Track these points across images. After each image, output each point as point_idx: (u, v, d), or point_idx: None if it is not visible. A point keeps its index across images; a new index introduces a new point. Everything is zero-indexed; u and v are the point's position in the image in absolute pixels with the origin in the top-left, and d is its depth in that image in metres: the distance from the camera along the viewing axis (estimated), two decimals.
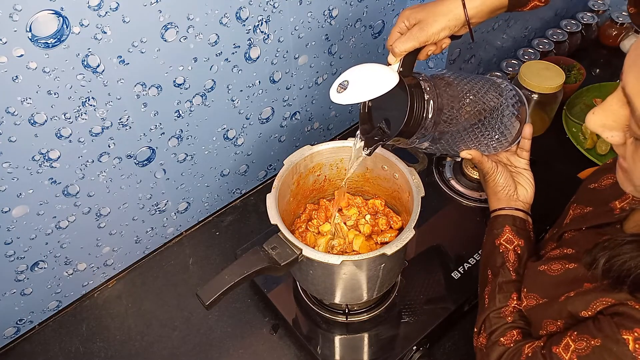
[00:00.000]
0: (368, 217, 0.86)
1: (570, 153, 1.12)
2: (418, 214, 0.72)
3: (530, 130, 0.81)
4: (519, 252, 0.71)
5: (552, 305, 0.60)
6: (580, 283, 0.57)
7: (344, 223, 0.86)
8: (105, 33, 0.68)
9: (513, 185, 0.79)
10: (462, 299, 0.85)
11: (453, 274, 0.88)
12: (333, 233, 0.85)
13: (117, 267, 1.00)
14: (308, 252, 0.69)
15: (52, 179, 0.77)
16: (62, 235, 0.85)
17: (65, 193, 0.81)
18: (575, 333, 0.54)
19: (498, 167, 0.79)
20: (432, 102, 0.68)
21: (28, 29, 0.61)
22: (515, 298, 0.67)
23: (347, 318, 0.85)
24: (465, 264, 0.89)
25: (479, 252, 0.90)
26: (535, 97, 1.08)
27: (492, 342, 0.66)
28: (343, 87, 0.67)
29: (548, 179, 1.02)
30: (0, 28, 0.59)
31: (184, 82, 0.82)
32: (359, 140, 0.74)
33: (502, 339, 0.64)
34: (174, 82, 0.81)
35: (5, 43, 0.61)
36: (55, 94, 0.69)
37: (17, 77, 0.64)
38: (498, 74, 1.21)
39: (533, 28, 1.28)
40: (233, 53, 0.85)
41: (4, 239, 0.78)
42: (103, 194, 0.86)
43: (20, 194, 0.75)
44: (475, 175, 1.02)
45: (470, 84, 0.74)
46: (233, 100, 0.92)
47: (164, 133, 0.86)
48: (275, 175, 0.79)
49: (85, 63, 0.69)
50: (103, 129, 0.78)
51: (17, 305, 0.88)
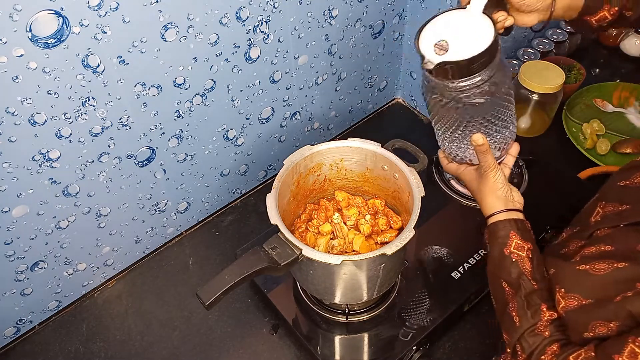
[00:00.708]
0: (368, 217, 0.86)
1: (570, 153, 1.12)
2: (418, 214, 0.72)
3: (517, 149, 0.79)
4: (531, 256, 0.68)
5: (604, 306, 0.57)
6: (634, 283, 0.55)
7: (344, 223, 0.86)
8: (105, 33, 0.68)
9: (508, 187, 0.76)
10: (462, 299, 0.85)
11: (453, 274, 0.88)
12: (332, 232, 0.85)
13: (117, 267, 1.00)
14: (308, 252, 0.69)
15: (52, 179, 0.77)
16: (62, 235, 0.85)
17: (65, 193, 0.81)
18: None
19: (497, 164, 0.76)
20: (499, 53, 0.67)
21: (28, 29, 0.61)
22: (545, 309, 0.63)
23: (347, 318, 0.85)
24: (465, 264, 0.89)
25: (479, 252, 0.91)
26: (535, 97, 1.08)
27: None
28: (442, 47, 0.64)
29: (548, 179, 1.02)
30: (0, 28, 0.59)
31: (184, 82, 0.82)
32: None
33: (542, 357, 0.61)
34: (174, 82, 0.81)
35: (5, 43, 0.61)
36: (55, 94, 0.69)
37: (17, 77, 0.64)
38: None
39: (533, 28, 1.28)
40: (233, 53, 0.85)
41: (4, 239, 0.78)
42: (103, 194, 0.86)
43: (20, 194, 0.75)
44: None
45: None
46: (233, 100, 0.92)
47: (164, 133, 0.86)
48: (275, 175, 0.79)
49: (85, 63, 0.69)
50: (103, 129, 0.78)
51: (17, 305, 0.88)
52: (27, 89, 0.66)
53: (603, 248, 0.61)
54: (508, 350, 0.66)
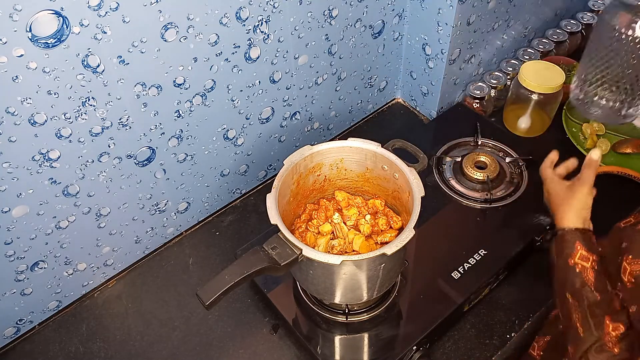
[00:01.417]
0: (368, 217, 0.86)
1: (570, 153, 1.12)
2: (418, 214, 0.72)
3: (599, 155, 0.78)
4: (596, 267, 0.67)
5: None
6: None
7: (344, 223, 0.86)
8: (105, 33, 0.68)
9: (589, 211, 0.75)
10: (462, 299, 0.85)
11: (453, 274, 0.88)
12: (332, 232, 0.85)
13: (117, 267, 1.00)
14: (308, 252, 0.69)
15: (52, 179, 0.77)
16: (62, 235, 0.85)
17: (65, 193, 0.81)
18: None
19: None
20: None
21: (28, 29, 0.61)
22: (609, 321, 0.62)
23: (347, 318, 0.85)
24: (465, 264, 0.89)
25: (479, 251, 0.91)
26: (535, 97, 1.08)
27: None
28: None
29: None
30: (0, 28, 0.59)
31: (184, 82, 0.82)
32: None
33: None
34: (174, 82, 0.81)
35: (5, 43, 0.61)
36: (55, 94, 0.69)
37: (17, 77, 0.64)
38: (499, 74, 1.21)
39: (533, 28, 1.28)
40: (233, 53, 0.85)
41: (4, 239, 0.78)
42: (103, 194, 0.86)
43: (20, 194, 0.75)
44: (476, 176, 1.02)
45: None
46: (233, 100, 0.92)
47: (164, 133, 0.86)
48: (275, 175, 0.79)
49: (85, 63, 0.69)
50: (103, 129, 0.78)
51: (17, 305, 0.88)
52: (27, 89, 0.66)
53: None
54: None
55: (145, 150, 0.86)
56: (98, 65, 0.70)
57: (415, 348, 0.82)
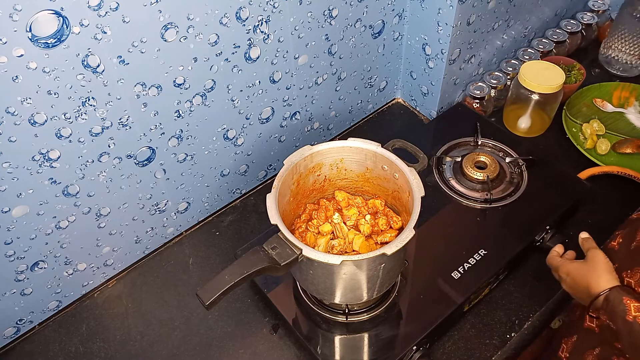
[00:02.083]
0: (368, 217, 0.86)
1: (570, 153, 1.12)
2: (418, 214, 0.72)
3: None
4: None
5: None
6: None
7: (344, 223, 0.86)
8: (105, 33, 0.68)
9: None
10: (462, 299, 0.85)
11: (453, 274, 0.88)
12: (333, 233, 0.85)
13: (117, 267, 1.00)
14: (308, 252, 0.69)
15: (52, 179, 0.77)
16: (62, 235, 0.85)
17: (65, 193, 0.81)
18: None
19: None
20: None
21: (28, 29, 0.61)
22: None
23: (347, 318, 0.85)
24: (465, 264, 0.89)
25: (479, 251, 0.91)
26: (535, 97, 1.08)
27: None
28: None
29: (548, 179, 1.02)
30: (0, 28, 0.59)
31: (184, 82, 0.82)
32: None
33: None
34: (174, 82, 0.81)
35: (5, 43, 0.61)
36: (55, 94, 0.69)
37: (17, 77, 0.64)
38: (499, 74, 1.21)
39: (533, 28, 1.28)
40: (233, 53, 0.85)
41: (4, 239, 0.78)
42: (103, 194, 0.86)
43: (20, 194, 0.75)
44: (476, 176, 1.02)
45: None
46: (233, 100, 0.92)
47: (164, 133, 0.86)
48: (275, 175, 0.79)
49: (85, 63, 0.69)
50: (103, 129, 0.78)
51: (17, 305, 0.88)
52: (27, 89, 0.66)
53: None
54: None
55: (145, 150, 0.86)
56: (98, 65, 0.70)
57: (415, 348, 0.82)
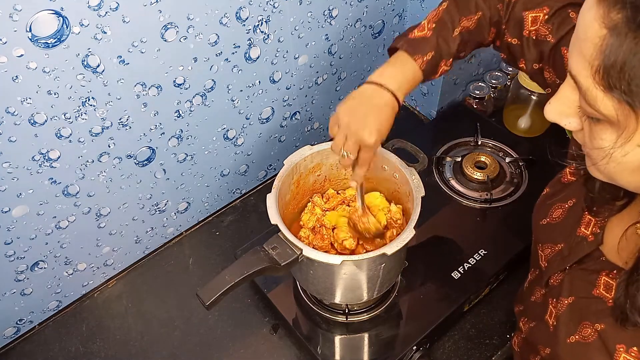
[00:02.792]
0: (394, 207, 0.86)
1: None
2: (418, 214, 0.72)
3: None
4: None
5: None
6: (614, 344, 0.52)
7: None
8: (105, 33, 0.68)
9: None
10: (462, 299, 0.85)
11: (453, 274, 0.88)
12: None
13: (117, 267, 1.00)
14: (308, 252, 0.69)
15: (52, 179, 0.77)
16: (62, 235, 0.85)
17: (65, 193, 0.81)
18: None
19: None
20: None
21: (28, 29, 0.61)
22: None
23: (347, 318, 0.85)
24: (465, 264, 0.89)
25: (479, 251, 0.91)
26: (535, 97, 1.08)
27: None
28: None
29: (548, 179, 1.02)
30: (0, 28, 0.59)
31: (184, 82, 0.82)
32: None
33: None
34: (174, 82, 0.81)
35: (5, 43, 0.61)
36: (55, 94, 0.69)
37: (17, 77, 0.64)
38: (499, 74, 1.21)
39: None
40: (233, 53, 0.85)
41: (4, 239, 0.78)
42: (103, 194, 0.86)
43: (20, 194, 0.75)
44: (476, 176, 1.02)
45: None
46: (233, 100, 0.92)
47: (164, 133, 0.86)
48: (275, 175, 0.79)
49: (85, 63, 0.69)
50: (103, 129, 0.78)
51: (17, 305, 0.88)
52: (27, 89, 0.66)
53: (567, 301, 0.59)
54: None
55: (145, 150, 0.86)
56: (98, 65, 0.70)
57: (415, 348, 0.82)
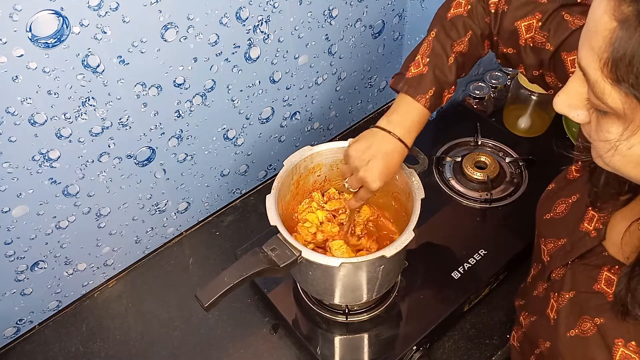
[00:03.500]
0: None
1: (571, 153, 1.12)
2: (417, 216, 0.72)
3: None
4: None
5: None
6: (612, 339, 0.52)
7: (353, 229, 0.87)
8: (105, 33, 0.68)
9: None
10: (462, 299, 0.85)
11: (453, 274, 0.88)
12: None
13: (117, 267, 1.00)
14: (307, 254, 0.69)
15: (52, 179, 0.77)
16: (62, 235, 0.85)
17: (65, 193, 0.81)
18: None
19: None
20: None
21: (28, 29, 0.61)
22: None
23: (347, 318, 0.85)
24: (465, 264, 0.89)
25: (479, 251, 0.91)
26: (535, 97, 1.08)
27: None
28: None
29: (548, 179, 1.02)
30: (0, 28, 0.59)
31: (184, 82, 0.82)
32: None
33: None
34: (174, 82, 0.81)
35: (5, 43, 0.61)
36: (55, 94, 0.69)
37: (17, 77, 0.64)
38: (499, 74, 1.21)
39: None
40: (233, 53, 0.85)
41: (4, 239, 0.78)
42: (103, 194, 0.86)
43: (20, 194, 0.75)
44: (476, 176, 1.02)
45: None
46: (233, 100, 0.92)
47: (164, 133, 0.86)
48: (275, 175, 0.79)
49: (85, 63, 0.69)
50: (103, 129, 0.77)
51: (17, 305, 0.88)
52: (27, 89, 0.66)
53: (568, 295, 0.59)
54: None
55: (145, 150, 0.86)
56: (98, 65, 0.70)
57: (415, 348, 0.82)
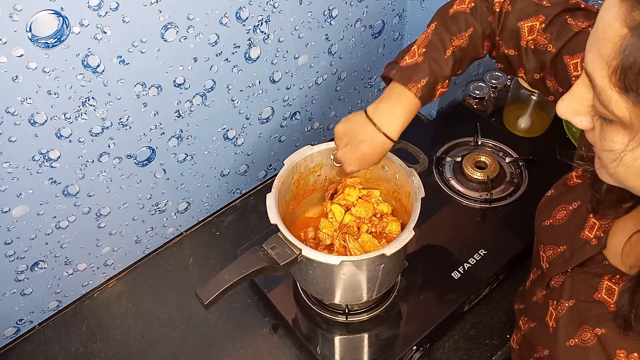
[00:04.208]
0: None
1: (570, 153, 1.12)
2: (418, 215, 0.72)
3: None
4: None
5: None
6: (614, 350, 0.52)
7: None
8: (105, 33, 0.68)
9: None
10: (462, 299, 0.85)
11: (453, 274, 0.88)
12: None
13: (117, 267, 1.00)
14: (307, 252, 0.69)
15: (52, 179, 0.77)
16: (62, 235, 0.85)
17: (65, 193, 0.81)
18: None
19: None
20: None
21: (28, 29, 0.61)
22: None
23: (347, 318, 0.85)
24: (465, 264, 0.89)
25: (479, 251, 0.91)
26: (535, 97, 1.08)
27: None
28: None
29: (548, 179, 1.02)
30: (0, 28, 0.59)
31: (184, 82, 0.82)
32: None
33: None
34: (174, 82, 0.81)
35: (5, 43, 0.61)
36: (55, 94, 0.69)
37: (17, 77, 0.64)
38: (499, 74, 1.21)
39: None
40: (233, 53, 0.85)
41: (4, 239, 0.78)
42: (103, 194, 0.86)
43: (20, 194, 0.75)
44: (476, 176, 1.02)
45: None
46: (233, 100, 0.92)
47: (164, 133, 0.86)
48: (275, 175, 0.79)
49: (85, 63, 0.69)
50: (103, 129, 0.78)
51: (17, 305, 0.88)
52: (27, 89, 0.66)
53: (567, 304, 0.59)
54: None
55: (145, 150, 0.86)
56: (98, 65, 0.70)
57: (415, 348, 0.82)
